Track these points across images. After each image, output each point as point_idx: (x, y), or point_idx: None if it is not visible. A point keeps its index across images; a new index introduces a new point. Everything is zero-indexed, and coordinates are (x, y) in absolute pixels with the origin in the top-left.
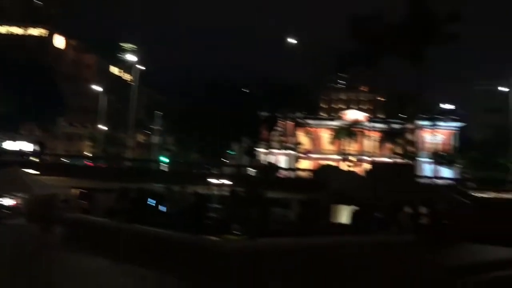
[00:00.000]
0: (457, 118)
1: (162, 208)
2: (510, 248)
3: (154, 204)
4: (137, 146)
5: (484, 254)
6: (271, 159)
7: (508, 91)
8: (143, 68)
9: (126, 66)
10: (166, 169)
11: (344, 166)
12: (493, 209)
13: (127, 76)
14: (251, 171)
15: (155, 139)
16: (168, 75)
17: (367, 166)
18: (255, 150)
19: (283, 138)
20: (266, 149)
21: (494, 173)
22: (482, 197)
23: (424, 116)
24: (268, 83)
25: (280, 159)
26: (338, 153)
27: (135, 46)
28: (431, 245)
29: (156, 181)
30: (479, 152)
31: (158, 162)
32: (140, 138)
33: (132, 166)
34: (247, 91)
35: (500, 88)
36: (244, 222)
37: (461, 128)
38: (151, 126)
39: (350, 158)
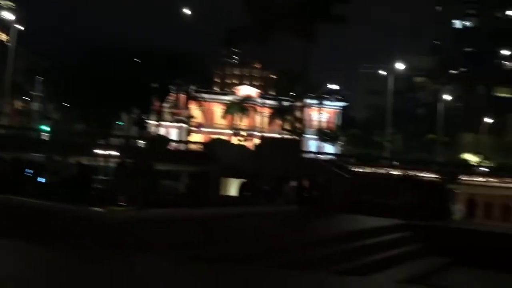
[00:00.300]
0: (342, 98)
1: (41, 179)
2: (383, 218)
3: (31, 175)
4: (14, 113)
5: (359, 223)
6: (162, 131)
7: (387, 74)
8: (22, 28)
9: (3, 25)
10: (47, 139)
11: (235, 140)
12: (369, 183)
13: (3, 37)
14: (141, 142)
15: (36, 106)
16: (52, 40)
17: (257, 141)
18: (146, 121)
19: (175, 111)
20: (157, 121)
21: (371, 150)
22: (360, 172)
23: (312, 95)
24: (161, 53)
25: (171, 131)
26: (230, 128)
27: (13, 4)
28: (313, 215)
29: (35, 151)
30: (360, 131)
31: (38, 130)
32: (18, 104)
33: (8, 134)
34: (139, 60)
35: (381, 72)
36: (131, 193)
37: (344, 107)
38: (31, 92)
39: (241, 132)
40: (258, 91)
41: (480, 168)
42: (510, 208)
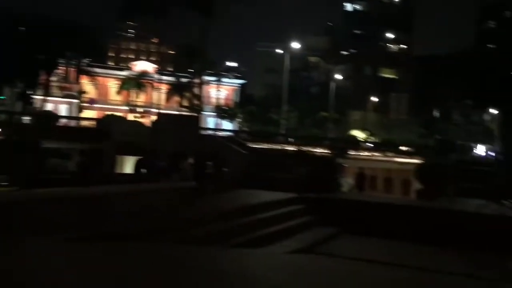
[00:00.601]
0: (240, 75)
1: None
2: (278, 192)
3: None
4: None
5: (255, 198)
6: (50, 106)
7: (283, 53)
8: None
9: None
10: None
11: (131, 117)
12: (265, 158)
13: None
14: (26, 118)
15: None
16: None
17: (154, 118)
18: (31, 96)
19: (64, 85)
20: (44, 95)
21: (268, 127)
22: (257, 148)
23: (210, 71)
24: (48, 22)
25: (61, 107)
26: (125, 104)
27: None
28: (210, 191)
29: None
30: (257, 108)
31: None
32: None
33: None
34: (23, 28)
35: (277, 50)
36: (14, 172)
37: (242, 85)
38: None
39: (137, 109)
40: (155, 66)
41: (366, 144)
42: (391, 180)
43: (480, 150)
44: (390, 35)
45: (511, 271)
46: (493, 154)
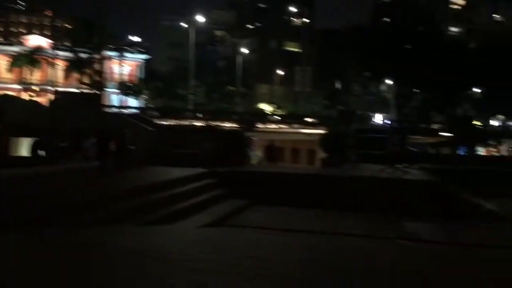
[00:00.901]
0: (143, 50)
1: None
2: (188, 168)
3: None
4: None
5: (164, 175)
6: None
7: (188, 27)
8: None
9: None
10: None
11: (25, 96)
12: (173, 135)
13: None
14: None
15: None
16: None
17: (52, 96)
18: None
19: None
20: None
21: (175, 103)
22: (164, 124)
23: (112, 46)
24: None
25: None
26: (18, 82)
27: None
28: (116, 170)
29: None
30: (163, 83)
31: None
32: None
33: None
34: None
35: (182, 24)
36: None
37: (147, 60)
38: None
39: (33, 87)
40: (51, 41)
41: (274, 116)
42: (298, 150)
43: (378, 119)
44: (293, 9)
45: (405, 229)
46: (389, 122)
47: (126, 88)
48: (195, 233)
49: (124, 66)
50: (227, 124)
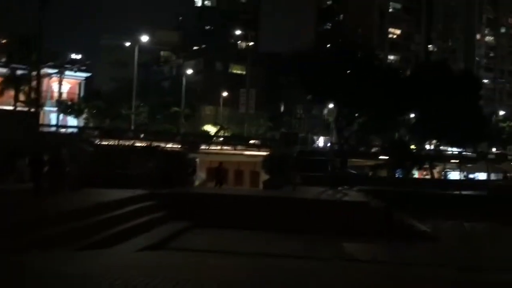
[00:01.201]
0: (84, 68)
1: None
2: (127, 189)
3: None
4: None
5: (102, 197)
6: None
7: (132, 46)
8: None
9: None
10: None
11: None
12: (114, 155)
13: None
14: None
15: None
16: None
17: None
18: None
19: None
20: None
21: (117, 123)
22: (105, 145)
23: (51, 63)
24: None
25: None
26: None
27: None
28: (51, 192)
29: None
30: (105, 103)
31: None
32: None
33: None
34: None
35: (126, 43)
36: None
37: (88, 78)
38: None
39: None
40: None
41: (218, 138)
42: (242, 172)
43: (320, 141)
44: (238, 32)
45: (344, 250)
46: (329, 145)
47: (65, 106)
48: (132, 257)
49: (64, 84)
50: (171, 145)
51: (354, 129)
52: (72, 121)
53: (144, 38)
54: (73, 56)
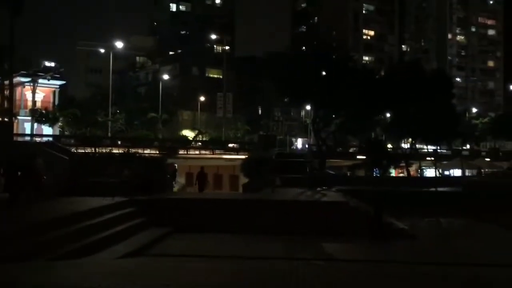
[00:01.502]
0: (58, 76)
1: None
2: (106, 197)
3: None
4: None
5: (80, 205)
6: None
7: (107, 53)
8: None
9: None
10: None
11: None
12: (91, 163)
13: None
14: None
15: None
16: None
17: None
18: None
19: None
20: None
21: (94, 130)
22: (81, 153)
23: (24, 72)
24: None
25: None
26: None
27: None
28: (27, 202)
29: None
30: (81, 110)
31: None
32: None
33: None
34: None
35: (101, 50)
36: None
37: (62, 86)
38: None
39: None
40: None
41: (196, 143)
42: (221, 176)
43: (299, 143)
44: (214, 36)
45: (323, 250)
46: (307, 146)
47: (40, 115)
48: (112, 265)
49: (38, 92)
50: (149, 151)
51: (331, 130)
52: (47, 129)
53: (119, 44)
54: (47, 63)
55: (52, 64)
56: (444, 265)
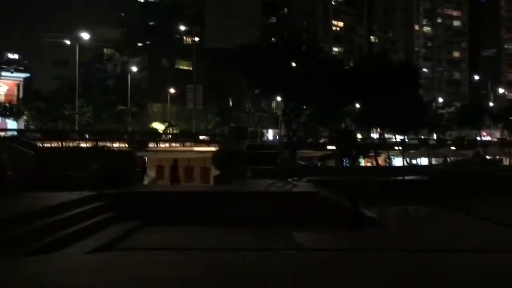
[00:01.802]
0: (23, 68)
1: None
2: (73, 192)
3: None
4: None
5: (47, 200)
6: None
7: (73, 45)
8: None
9: None
10: None
11: None
12: (57, 157)
13: None
14: None
15: None
16: None
17: None
18: None
19: None
20: None
21: (60, 124)
22: (47, 147)
23: None
24: None
25: None
26: None
27: None
28: None
29: None
30: (47, 104)
31: None
32: None
33: None
34: None
35: (67, 42)
36: None
37: (27, 79)
38: None
39: None
40: None
41: (166, 135)
42: (192, 168)
43: (270, 134)
44: (183, 27)
45: (293, 240)
46: (278, 137)
47: (3, 108)
48: (80, 260)
49: (0, 85)
50: (117, 145)
51: (302, 121)
52: (11, 123)
53: (85, 36)
54: (10, 56)
55: (16, 56)
56: (411, 252)
